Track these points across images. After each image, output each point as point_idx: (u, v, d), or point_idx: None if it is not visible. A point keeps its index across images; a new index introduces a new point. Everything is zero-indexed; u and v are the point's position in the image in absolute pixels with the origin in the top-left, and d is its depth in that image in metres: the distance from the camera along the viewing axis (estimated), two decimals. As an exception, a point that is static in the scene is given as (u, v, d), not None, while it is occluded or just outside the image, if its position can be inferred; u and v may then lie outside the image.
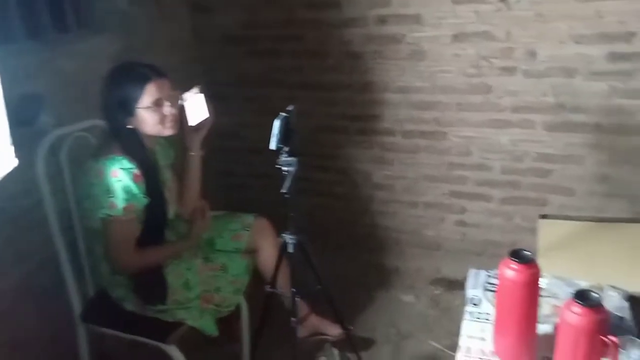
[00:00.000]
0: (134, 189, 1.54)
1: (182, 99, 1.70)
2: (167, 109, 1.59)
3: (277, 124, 1.53)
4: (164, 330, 1.66)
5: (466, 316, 1.57)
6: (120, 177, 1.52)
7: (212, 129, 1.82)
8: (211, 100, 1.79)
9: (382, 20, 2.33)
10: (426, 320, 2.34)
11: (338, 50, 2.46)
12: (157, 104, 1.57)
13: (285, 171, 1.56)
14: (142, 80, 1.55)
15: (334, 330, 2.07)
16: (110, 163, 1.53)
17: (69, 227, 1.75)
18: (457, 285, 2.50)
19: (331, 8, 2.39)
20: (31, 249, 1.80)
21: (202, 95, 1.74)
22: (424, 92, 2.39)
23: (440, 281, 2.58)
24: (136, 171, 1.55)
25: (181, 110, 1.71)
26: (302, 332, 2.03)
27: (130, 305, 1.71)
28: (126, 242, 1.62)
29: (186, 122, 1.74)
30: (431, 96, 2.38)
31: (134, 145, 1.60)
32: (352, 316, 2.26)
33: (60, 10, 2.03)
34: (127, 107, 1.56)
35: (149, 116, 1.57)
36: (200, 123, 1.76)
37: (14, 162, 1.11)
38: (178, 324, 1.69)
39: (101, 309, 1.73)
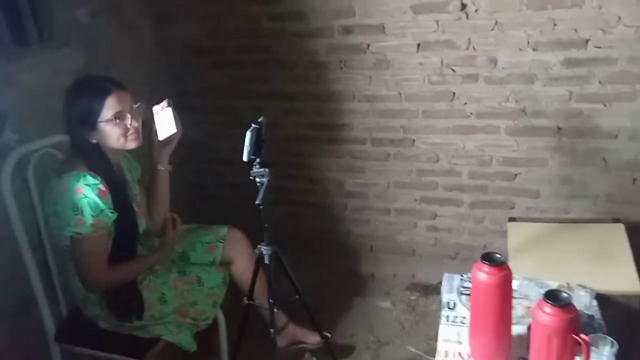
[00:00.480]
0: (101, 204, 1.52)
1: (152, 112, 1.68)
2: (129, 121, 1.57)
3: (248, 136, 1.53)
4: (141, 346, 1.64)
5: (442, 320, 1.59)
6: (86, 193, 1.50)
7: (181, 141, 1.80)
8: (178, 111, 1.77)
9: (347, 30, 2.36)
10: (403, 326, 2.36)
11: (304, 60, 2.47)
12: (119, 117, 1.55)
13: (258, 182, 1.56)
14: (102, 93, 1.53)
15: (312, 339, 2.07)
16: (74, 179, 1.50)
17: (39, 245, 1.71)
18: (432, 289, 2.54)
19: (296, 18, 2.40)
20: (-1, 269, 1.75)
21: (170, 109, 1.72)
22: (390, 100, 2.42)
23: (416, 286, 2.61)
24: (101, 186, 1.52)
25: (149, 124, 1.69)
26: (281, 341, 2.03)
27: (105, 323, 1.68)
28: (97, 259, 1.58)
29: (154, 135, 1.73)
30: (398, 104, 2.42)
31: (98, 160, 1.57)
32: (330, 324, 2.27)
33: (20, 24, 1.99)
34: (88, 122, 1.53)
35: (111, 130, 1.55)
36: (168, 137, 1.75)
37: (-21, 182, 1.08)
38: (155, 340, 1.67)
39: (75, 328, 1.70)
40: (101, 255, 1.59)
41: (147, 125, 1.71)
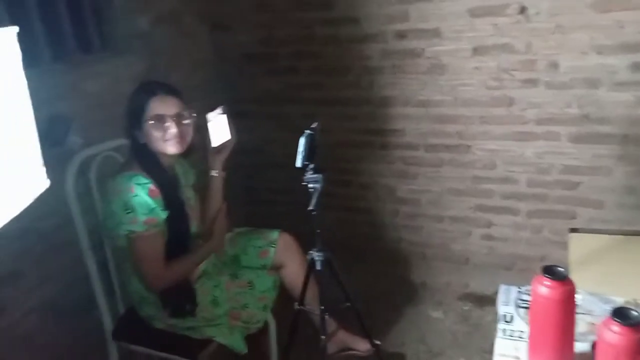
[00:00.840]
0: (151, 203, 1.55)
1: (206, 119, 1.71)
2: (168, 125, 1.59)
3: (302, 142, 1.53)
4: (194, 347, 1.67)
5: (499, 334, 1.53)
6: (137, 192, 1.53)
7: (235, 146, 1.82)
8: (232, 117, 1.79)
9: (401, 35, 2.33)
10: (456, 337, 2.29)
11: (357, 65, 2.46)
12: (159, 120, 1.58)
13: (311, 188, 1.56)
14: (148, 94, 1.58)
15: (363, 346, 2.04)
16: (126, 179, 1.55)
17: (98, 245, 1.77)
18: (486, 300, 2.46)
19: (349, 24, 2.40)
20: (61, 268, 1.83)
21: (225, 116, 1.74)
22: (445, 105, 2.38)
23: (469, 296, 2.53)
24: (151, 186, 1.55)
25: (204, 131, 1.72)
26: (330, 347, 2.01)
27: (160, 323, 1.71)
28: (154, 257, 1.61)
29: (208, 142, 1.75)
30: (453, 109, 2.37)
31: (149, 161, 1.61)
32: (380, 332, 2.23)
33: (85, 33, 2.09)
34: (135, 120, 1.59)
35: (151, 131, 1.59)
36: (222, 144, 1.76)
37: (46, 183, 1.12)
38: (207, 341, 1.69)
39: (132, 326, 1.74)
40: (157, 254, 1.61)
41: (202, 133, 1.73)
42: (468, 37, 2.22)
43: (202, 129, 1.73)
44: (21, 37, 1.00)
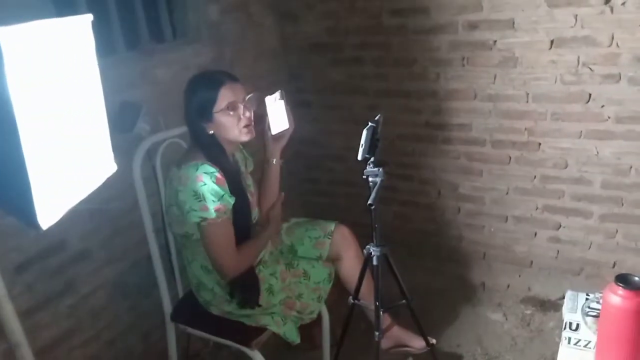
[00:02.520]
0: (220, 190, 1.56)
1: (264, 103, 1.70)
2: (242, 111, 1.60)
3: (365, 134, 1.51)
4: (249, 334, 1.69)
5: (563, 342, 1.46)
6: (205, 180, 1.55)
7: (296, 136, 1.81)
8: (296, 107, 1.79)
9: (473, 25, 2.24)
10: (516, 341, 2.21)
11: (424, 57, 2.40)
12: (232, 108, 1.59)
13: (371, 182, 1.53)
14: (216, 84, 1.58)
15: (417, 343, 2.00)
16: (193, 169, 1.56)
17: (161, 229, 1.83)
18: (550, 305, 2.35)
19: (418, 14, 2.33)
20: (126, 249, 1.90)
21: (283, 102, 1.71)
22: (516, 100, 2.27)
23: (531, 300, 2.43)
24: (218, 175, 1.57)
25: (261, 119, 1.72)
26: (384, 343, 1.99)
27: (216, 309, 1.75)
28: (227, 244, 1.62)
29: (267, 129, 1.75)
30: (524, 105, 2.26)
31: (215, 151, 1.63)
32: (436, 331, 2.18)
33: (157, 22, 2.15)
34: (204, 113, 1.59)
35: (225, 120, 1.60)
36: (280, 132, 1.76)
37: (114, 167, 1.16)
38: (262, 330, 1.71)
39: (189, 310, 1.79)
40: (229, 241, 1.63)
41: (261, 119, 1.73)
42: (545, 29, 2.10)
43: (261, 116, 1.73)
44: (96, 25, 1.03)
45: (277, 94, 1.71)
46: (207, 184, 1.55)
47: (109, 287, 1.87)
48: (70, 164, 0.98)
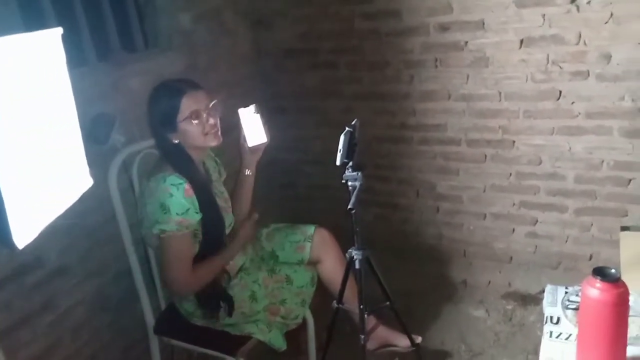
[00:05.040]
0: (186, 203, 1.56)
1: (237, 113, 1.71)
2: (206, 118, 1.60)
3: (342, 139, 1.51)
4: (233, 343, 1.68)
5: (545, 336, 1.48)
6: (172, 192, 1.54)
7: (272, 142, 1.81)
8: (271, 113, 1.79)
9: (444, 27, 2.27)
10: (498, 337, 2.24)
11: (397, 59, 2.42)
12: (196, 116, 1.59)
13: (350, 186, 1.54)
14: (178, 94, 1.58)
15: (403, 342, 1.99)
16: (161, 181, 1.56)
17: (140, 241, 1.80)
18: (530, 300, 2.39)
19: (390, 17, 2.36)
20: (106, 262, 1.87)
21: (259, 116, 1.73)
22: (489, 99, 2.31)
23: (512, 295, 2.47)
24: (186, 186, 1.56)
25: (238, 127, 1.73)
26: (371, 344, 1.99)
27: (199, 320, 1.73)
28: (182, 260, 1.61)
29: (244, 141, 1.76)
30: (497, 104, 2.30)
31: (182, 161, 1.62)
32: (420, 330, 2.18)
33: (128, 32, 2.12)
34: (168, 123, 1.59)
35: (189, 128, 1.59)
36: (257, 145, 1.77)
37: (90, 182, 1.14)
38: (247, 338, 1.71)
39: (172, 322, 1.77)
40: (185, 257, 1.62)
41: (237, 128, 1.74)
42: (514, 29, 2.14)
43: (237, 126, 1.74)
44: (66, 37, 1.01)
45: (252, 107, 1.72)
46: (174, 196, 1.54)
47: (89, 302, 1.83)
48: (45, 180, 0.96)
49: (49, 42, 0.98)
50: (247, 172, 1.84)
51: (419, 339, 1.96)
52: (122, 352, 1.98)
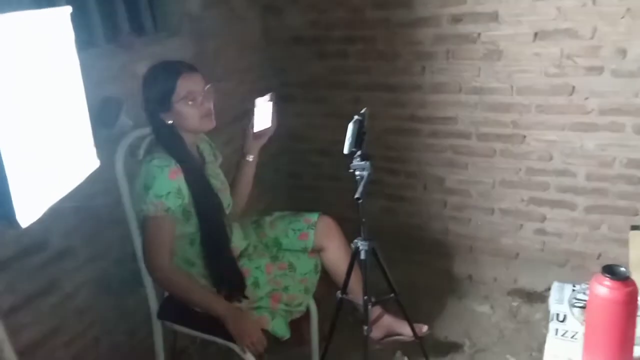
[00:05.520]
0: (168, 186, 1.55)
1: (254, 104, 1.72)
2: (200, 101, 1.60)
3: (350, 127, 1.50)
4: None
5: (550, 333, 1.46)
6: (155, 174, 1.54)
7: (280, 131, 1.81)
8: (280, 101, 1.78)
9: (457, 18, 2.24)
10: (503, 333, 2.23)
11: (408, 50, 2.39)
12: (191, 98, 1.58)
13: (358, 175, 1.52)
14: (175, 74, 1.58)
15: (409, 331, 1.96)
16: (149, 162, 1.57)
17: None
18: (536, 297, 2.37)
19: (402, 7, 2.33)
20: (110, 246, 1.87)
21: (271, 104, 1.75)
22: (500, 93, 2.28)
23: (518, 292, 2.45)
24: (173, 167, 1.56)
25: (250, 115, 1.73)
26: (376, 332, 1.98)
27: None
28: (158, 243, 1.60)
29: (250, 127, 1.77)
30: (509, 97, 2.27)
31: (173, 141, 1.62)
32: (424, 323, 2.17)
33: (138, 15, 2.10)
34: (164, 102, 1.59)
35: (184, 110, 1.59)
36: (261, 130, 1.78)
37: (97, 163, 1.13)
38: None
39: (176, 307, 1.75)
40: (162, 240, 1.60)
41: (247, 116, 1.76)
42: (529, 21, 2.11)
43: (248, 113, 1.74)
44: (75, 18, 1.00)
45: (268, 96, 1.74)
46: (157, 178, 1.54)
47: (93, 285, 1.83)
48: (51, 160, 0.95)
49: (58, 20, 0.97)
50: (249, 157, 1.84)
51: (424, 328, 1.96)
52: (126, 336, 1.99)
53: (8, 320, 1.46)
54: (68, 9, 0.98)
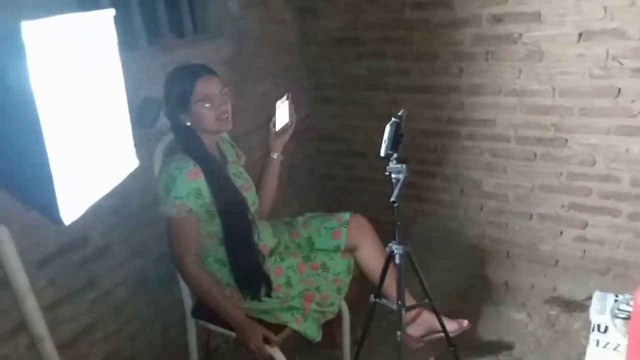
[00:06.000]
0: (187, 187, 1.56)
1: (276, 106, 1.79)
2: (217, 103, 1.62)
3: (388, 130, 1.48)
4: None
5: (591, 344, 1.42)
6: (175, 175, 1.56)
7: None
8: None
9: (497, 18, 2.19)
10: (540, 342, 2.17)
11: (447, 51, 2.35)
12: (208, 100, 1.61)
13: (394, 178, 1.51)
14: (193, 77, 1.61)
15: (450, 326, 1.91)
16: (169, 163, 1.60)
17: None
18: (576, 306, 2.30)
19: (441, 7, 2.29)
20: (147, 244, 1.91)
21: (288, 102, 1.83)
22: (542, 95, 2.22)
23: (557, 300, 2.38)
24: (193, 168, 1.57)
25: (271, 115, 1.79)
26: (416, 331, 1.95)
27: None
28: (183, 243, 1.63)
29: (272, 126, 1.83)
30: (550, 100, 2.21)
31: (192, 142, 1.64)
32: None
33: (178, 17, 2.14)
34: (182, 103, 1.62)
35: (201, 111, 1.62)
36: (282, 128, 1.84)
37: (136, 163, 1.15)
38: (281, 327, 1.70)
39: (209, 306, 1.78)
40: (187, 241, 1.63)
41: (269, 116, 1.82)
42: (573, 21, 2.04)
43: (270, 113, 1.81)
44: (118, 20, 1.02)
45: (285, 96, 1.82)
46: (176, 179, 1.56)
47: (130, 282, 1.87)
48: (93, 160, 0.98)
49: (102, 23, 0.99)
50: (273, 154, 1.88)
51: (465, 322, 1.93)
52: (161, 333, 2.02)
53: (50, 315, 1.51)
54: (111, 12, 1.01)
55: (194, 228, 1.64)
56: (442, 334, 1.91)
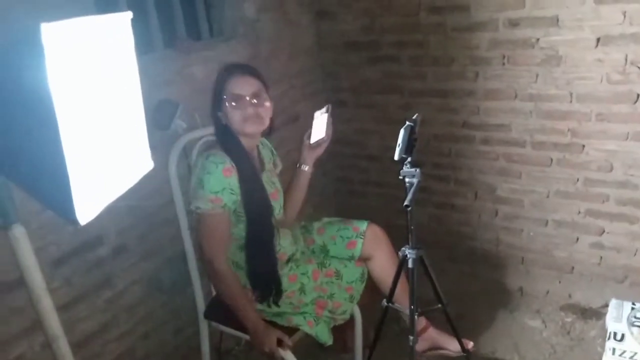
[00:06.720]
0: (222, 182, 1.56)
1: (313, 116, 1.76)
2: (245, 104, 1.61)
3: (402, 133, 1.47)
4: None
5: (607, 352, 1.40)
6: (211, 170, 1.56)
7: (332, 135, 1.81)
8: (331, 106, 1.78)
9: (514, 23, 2.18)
10: (555, 350, 2.14)
11: (463, 55, 2.34)
12: (235, 100, 1.61)
13: (407, 182, 1.50)
14: (227, 75, 1.62)
15: (453, 346, 1.92)
16: (205, 157, 1.60)
17: (196, 226, 1.83)
18: (591, 313, 2.27)
19: (457, 11, 2.28)
20: (162, 246, 1.92)
21: (327, 115, 1.77)
22: (558, 100, 2.20)
23: (572, 307, 2.35)
24: (227, 165, 1.58)
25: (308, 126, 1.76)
26: (420, 345, 1.94)
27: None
28: (215, 238, 1.62)
29: (307, 138, 1.80)
30: (567, 105, 2.18)
31: (229, 141, 1.65)
32: (472, 336, 2.09)
33: (195, 20, 2.16)
34: (217, 99, 1.64)
35: (229, 110, 1.62)
36: (317, 142, 1.79)
37: (151, 164, 1.16)
38: (293, 330, 1.70)
39: (222, 307, 1.78)
40: (219, 236, 1.62)
41: (297, 120, 1.76)
42: (591, 26, 2.02)
43: (299, 118, 1.75)
44: (135, 22, 1.03)
45: (325, 108, 1.77)
46: (212, 174, 1.56)
47: (144, 283, 1.89)
48: (109, 161, 0.99)
49: (119, 25, 1.00)
50: (305, 167, 1.85)
51: (470, 345, 1.89)
52: (173, 334, 2.04)
53: (64, 314, 1.53)
54: (129, 14, 1.02)
55: (226, 225, 1.64)
56: (445, 351, 1.93)
